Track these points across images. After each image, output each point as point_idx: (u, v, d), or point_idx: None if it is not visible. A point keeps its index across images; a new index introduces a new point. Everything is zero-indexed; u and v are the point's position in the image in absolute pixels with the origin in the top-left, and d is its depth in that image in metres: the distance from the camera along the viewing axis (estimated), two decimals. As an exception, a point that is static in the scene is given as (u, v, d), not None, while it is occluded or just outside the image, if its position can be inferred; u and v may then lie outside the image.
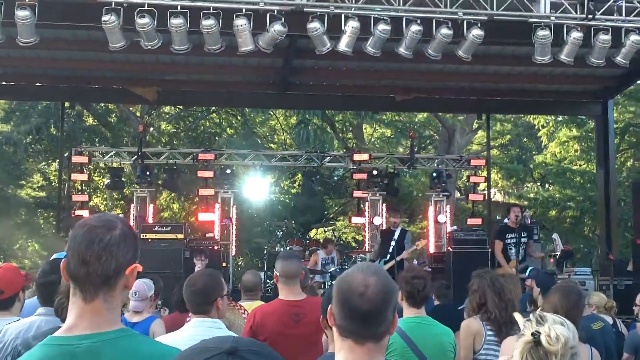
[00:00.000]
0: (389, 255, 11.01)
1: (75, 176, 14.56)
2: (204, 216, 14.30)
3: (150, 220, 13.72)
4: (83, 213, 12.97)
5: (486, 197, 15.72)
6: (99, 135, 21.18)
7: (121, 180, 15.53)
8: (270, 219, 20.09)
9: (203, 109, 21.64)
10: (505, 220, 10.83)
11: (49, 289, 3.45)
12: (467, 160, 15.63)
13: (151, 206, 14.30)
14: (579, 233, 21.49)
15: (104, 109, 21.14)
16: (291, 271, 4.41)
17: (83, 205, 14.32)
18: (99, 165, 19.52)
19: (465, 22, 8.84)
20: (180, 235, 11.70)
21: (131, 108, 20.09)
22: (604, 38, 8.90)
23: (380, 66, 11.78)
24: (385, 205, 14.45)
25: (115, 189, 16.57)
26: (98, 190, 21.43)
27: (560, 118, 21.75)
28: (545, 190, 23.49)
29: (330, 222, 23.78)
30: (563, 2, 8.83)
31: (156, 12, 8.34)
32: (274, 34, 8.59)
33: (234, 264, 15.93)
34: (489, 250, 11.12)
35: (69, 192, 15.25)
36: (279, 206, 23.41)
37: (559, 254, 12.30)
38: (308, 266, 11.63)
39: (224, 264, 12.65)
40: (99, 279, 1.81)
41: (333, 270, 11.85)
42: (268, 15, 8.55)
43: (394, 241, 11.02)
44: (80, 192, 14.59)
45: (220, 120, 23.24)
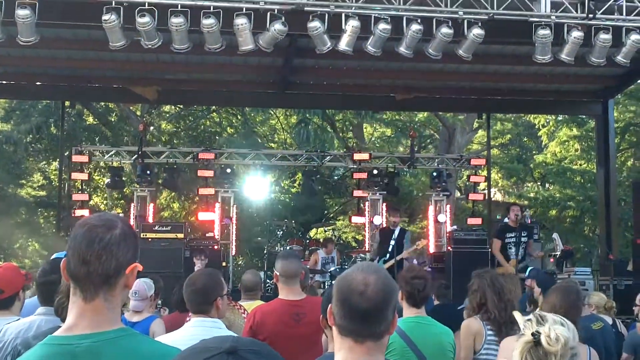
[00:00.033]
0: (388, 254, 11.01)
1: (75, 175, 14.57)
2: (204, 215, 14.28)
3: (151, 219, 13.73)
4: (83, 212, 13.00)
5: (486, 197, 15.71)
6: (99, 134, 21.15)
7: (121, 179, 15.53)
8: (271, 219, 20.09)
9: (203, 108, 21.63)
10: (505, 219, 10.84)
11: (49, 288, 3.44)
12: (468, 159, 15.62)
13: (151, 205, 14.29)
14: (579, 233, 21.47)
15: (104, 108, 21.10)
16: (291, 271, 4.40)
17: (83, 204, 14.34)
18: (99, 165, 19.51)
19: (465, 22, 8.84)
20: (180, 235, 11.72)
21: (131, 107, 20.09)
22: (605, 37, 8.90)
23: (381, 65, 11.75)
24: (385, 205, 14.43)
25: (116, 188, 16.55)
26: (98, 190, 21.40)
27: (560, 117, 21.73)
28: (545, 190, 23.45)
29: (330, 222, 23.79)
30: (563, 2, 8.83)
31: (156, 11, 8.34)
32: (275, 33, 8.58)
33: (234, 264, 15.92)
34: (489, 249, 11.12)
35: (69, 192, 15.26)
36: (279, 205, 23.40)
37: (558, 253, 12.28)
38: (308, 266, 11.62)
39: (224, 264, 12.66)
40: (99, 278, 1.81)
41: (333, 269, 11.86)
42: (268, 14, 8.55)
43: (393, 240, 11.02)
44: (80, 192, 14.58)
45: (221, 119, 23.21)
